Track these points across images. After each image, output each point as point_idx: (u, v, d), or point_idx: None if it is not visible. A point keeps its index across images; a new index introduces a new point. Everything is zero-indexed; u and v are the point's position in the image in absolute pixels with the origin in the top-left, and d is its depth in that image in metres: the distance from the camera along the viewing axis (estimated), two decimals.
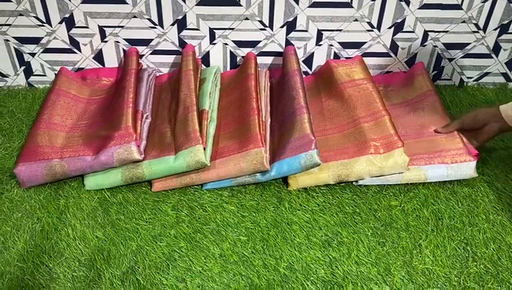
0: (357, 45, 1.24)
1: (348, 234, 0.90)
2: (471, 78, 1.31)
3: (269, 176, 0.97)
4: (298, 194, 0.98)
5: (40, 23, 1.18)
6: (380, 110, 1.06)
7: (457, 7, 1.18)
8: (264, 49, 1.23)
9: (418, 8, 1.18)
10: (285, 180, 1.00)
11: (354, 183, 1.00)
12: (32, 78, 1.27)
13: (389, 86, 1.25)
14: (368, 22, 1.19)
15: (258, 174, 0.98)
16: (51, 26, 1.18)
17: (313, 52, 1.24)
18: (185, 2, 1.15)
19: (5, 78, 1.27)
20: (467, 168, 0.99)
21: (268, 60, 1.25)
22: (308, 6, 1.16)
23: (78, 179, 0.99)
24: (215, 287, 0.81)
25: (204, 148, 0.97)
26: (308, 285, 0.81)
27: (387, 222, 0.92)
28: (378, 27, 1.20)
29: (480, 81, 1.32)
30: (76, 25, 1.18)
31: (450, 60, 1.28)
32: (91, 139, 1.01)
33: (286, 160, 0.96)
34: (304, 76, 1.17)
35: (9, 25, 1.18)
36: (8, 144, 1.08)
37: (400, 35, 1.22)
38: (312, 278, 0.82)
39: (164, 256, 0.85)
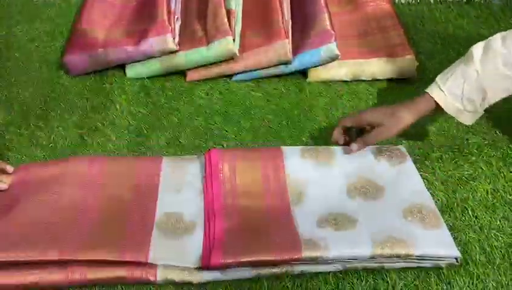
0: None
1: None
2: None
3: (292, 67, 1.08)
4: (318, 85, 1.09)
5: None
6: (396, 23, 1.17)
7: None
8: None
9: None
10: (305, 74, 1.11)
11: None
12: None
13: None
14: None
15: (281, 65, 1.08)
16: None
17: None
18: None
19: None
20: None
21: None
22: None
23: (119, 70, 1.10)
24: None
25: (234, 40, 1.07)
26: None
27: None
28: None
29: None
30: None
31: None
32: (130, 33, 1.11)
33: (308, 52, 1.07)
34: None
35: None
36: (52, 43, 1.19)
37: None
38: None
39: (202, 127, 0.97)
